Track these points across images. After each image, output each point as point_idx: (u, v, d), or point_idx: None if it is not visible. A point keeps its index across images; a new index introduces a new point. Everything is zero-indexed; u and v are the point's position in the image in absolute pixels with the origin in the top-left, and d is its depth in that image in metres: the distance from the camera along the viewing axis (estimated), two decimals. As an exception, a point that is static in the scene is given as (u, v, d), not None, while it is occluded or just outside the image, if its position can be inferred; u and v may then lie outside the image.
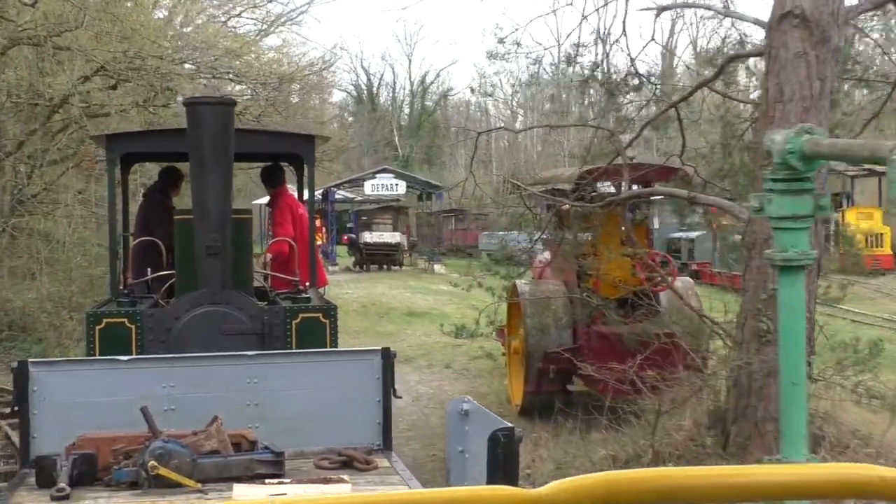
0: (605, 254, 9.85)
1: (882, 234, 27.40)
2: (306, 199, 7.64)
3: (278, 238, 7.89)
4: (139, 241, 7.16)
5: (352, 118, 65.07)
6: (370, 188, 35.27)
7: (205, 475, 4.30)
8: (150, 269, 6.80)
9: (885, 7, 7.65)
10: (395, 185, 35.16)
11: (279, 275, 7.42)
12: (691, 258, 26.75)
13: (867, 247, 26.78)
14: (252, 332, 5.80)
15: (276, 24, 22.59)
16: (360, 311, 20.77)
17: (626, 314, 9.84)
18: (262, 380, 5.03)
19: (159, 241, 6.99)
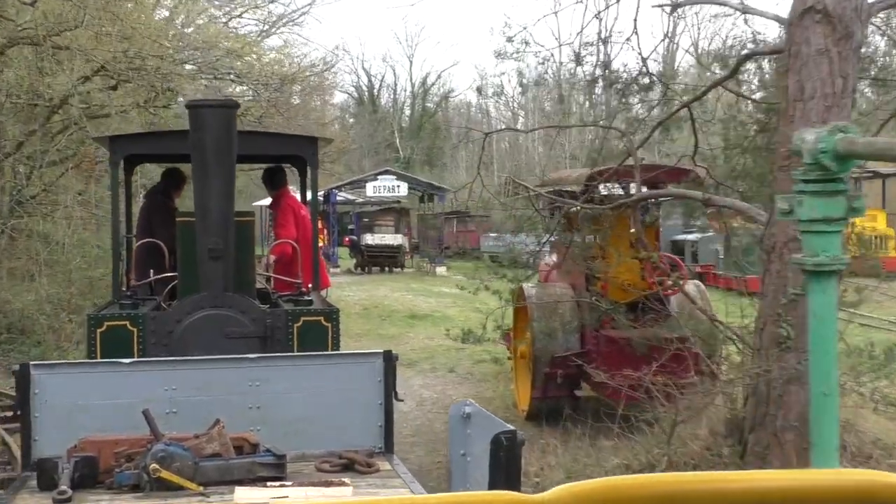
0: (615, 256, 9.67)
1: (887, 236, 27.22)
2: (309, 200, 7.62)
3: (281, 240, 7.87)
4: (142, 242, 7.19)
5: (353, 120, 65.02)
6: (372, 190, 35.18)
7: (206, 478, 4.34)
8: (152, 270, 6.86)
9: None
10: (397, 186, 35.04)
11: (281, 277, 7.42)
12: (695, 261, 26.55)
13: (871, 249, 26.60)
14: (254, 335, 5.82)
15: (278, 24, 22.51)
16: (363, 313, 20.61)
17: (636, 318, 9.65)
18: (264, 383, 5.06)
19: (161, 243, 6.98)
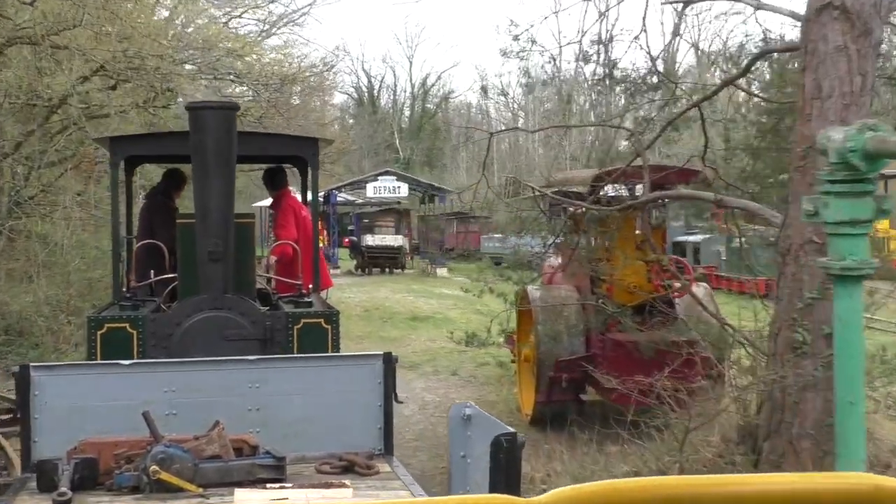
0: (621, 258, 9.51)
1: (889, 237, 27.10)
2: (309, 201, 7.61)
3: (282, 240, 7.81)
4: (142, 243, 7.16)
5: (353, 120, 64.95)
6: (372, 190, 35.07)
7: (206, 480, 4.34)
8: (153, 271, 6.83)
9: None
10: (398, 187, 34.94)
11: (282, 278, 7.37)
12: (697, 262, 26.41)
13: (884, 252, 26.49)
14: (253, 337, 5.80)
15: (278, 24, 22.37)
16: (363, 315, 20.47)
17: (643, 321, 9.48)
18: (264, 384, 5.05)
19: (162, 244, 6.94)
